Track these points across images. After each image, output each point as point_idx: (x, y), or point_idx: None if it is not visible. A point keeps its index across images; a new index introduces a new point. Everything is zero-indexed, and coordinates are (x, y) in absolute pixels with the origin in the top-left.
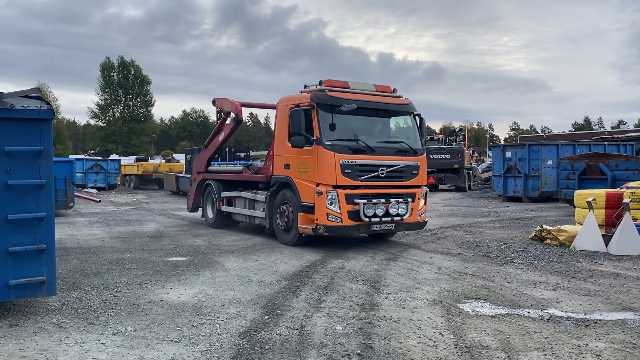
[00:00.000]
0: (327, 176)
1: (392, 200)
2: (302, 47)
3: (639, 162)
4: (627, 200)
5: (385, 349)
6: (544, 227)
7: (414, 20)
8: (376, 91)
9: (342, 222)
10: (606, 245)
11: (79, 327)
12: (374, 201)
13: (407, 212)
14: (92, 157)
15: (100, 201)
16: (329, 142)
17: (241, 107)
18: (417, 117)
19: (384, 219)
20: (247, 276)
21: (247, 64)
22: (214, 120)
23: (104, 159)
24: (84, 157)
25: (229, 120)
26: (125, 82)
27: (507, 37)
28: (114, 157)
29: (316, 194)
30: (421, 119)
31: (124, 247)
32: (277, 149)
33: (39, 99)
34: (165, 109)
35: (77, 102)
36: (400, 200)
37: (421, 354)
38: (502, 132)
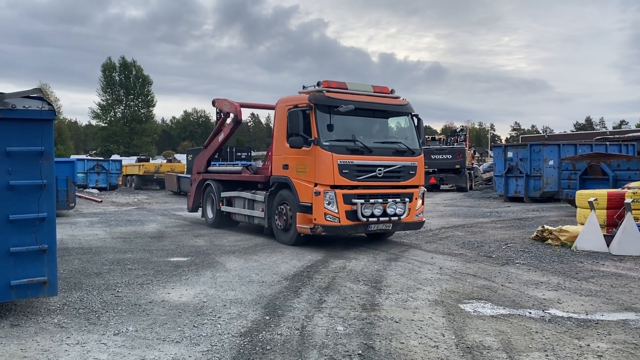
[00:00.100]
0: (325, 176)
1: (389, 200)
2: (304, 48)
3: None
4: (629, 200)
5: (386, 349)
6: (546, 227)
7: (416, 20)
8: (374, 92)
9: (339, 222)
10: (608, 245)
11: (80, 327)
12: (372, 201)
13: (404, 212)
14: (93, 158)
15: (101, 201)
16: (327, 143)
17: (240, 108)
18: (414, 117)
19: (381, 219)
20: (249, 276)
21: (249, 65)
22: (215, 120)
23: (106, 159)
24: (85, 157)
25: (229, 120)
26: (126, 83)
27: (508, 37)
28: (115, 157)
29: (314, 194)
30: (419, 120)
31: (126, 248)
32: (275, 150)
33: (41, 99)
34: (166, 109)
35: (78, 103)
36: (397, 200)
37: (422, 355)
38: (504, 132)
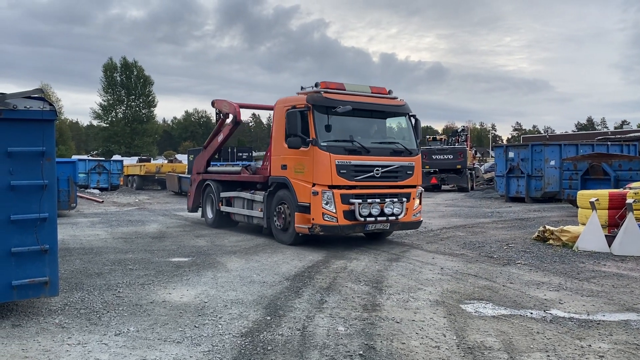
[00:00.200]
0: (323, 176)
1: (387, 200)
2: (304, 48)
3: None
4: (630, 200)
5: (387, 349)
6: (547, 227)
7: (416, 20)
8: (372, 92)
9: (337, 222)
10: (609, 245)
11: (81, 327)
12: (369, 201)
13: (402, 212)
14: (94, 158)
15: (102, 202)
16: (325, 143)
17: (239, 109)
18: (412, 118)
19: (379, 219)
20: (250, 277)
21: (250, 65)
22: (215, 121)
23: (107, 159)
24: (86, 157)
25: (228, 121)
26: (127, 83)
27: (509, 37)
28: (116, 157)
29: (312, 194)
30: (416, 120)
31: (127, 248)
32: (274, 150)
33: (42, 99)
34: (167, 109)
35: (79, 103)
36: (395, 200)
37: (423, 355)
38: (505, 133)
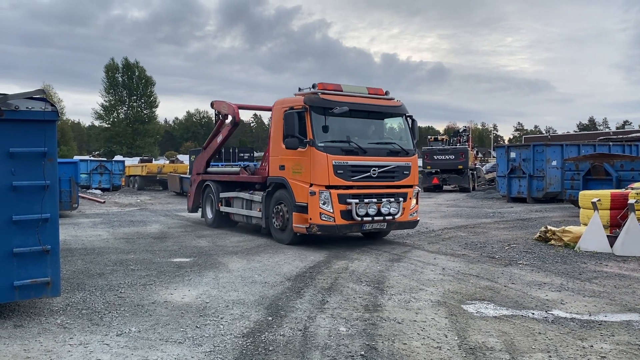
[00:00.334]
0: (320, 177)
1: (384, 199)
2: (306, 48)
3: None
4: (632, 201)
5: (389, 350)
6: (549, 228)
7: (418, 20)
8: (369, 94)
9: (334, 222)
10: (611, 246)
11: (83, 328)
12: (366, 201)
13: (399, 212)
14: (96, 158)
15: (104, 202)
16: (322, 144)
17: (238, 110)
18: (408, 118)
19: (376, 218)
20: (251, 277)
21: (251, 65)
22: (214, 122)
23: (108, 160)
24: (88, 158)
25: (227, 122)
26: (129, 84)
27: (511, 37)
28: (118, 158)
29: (309, 194)
30: (413, 121)
31: (128, 248)
32: (272, 151)
33: (44, 100)
34: (169, 110)
35: (81, 103)
36: (392, 199)
37: (425, 355)
38: (507, 133)
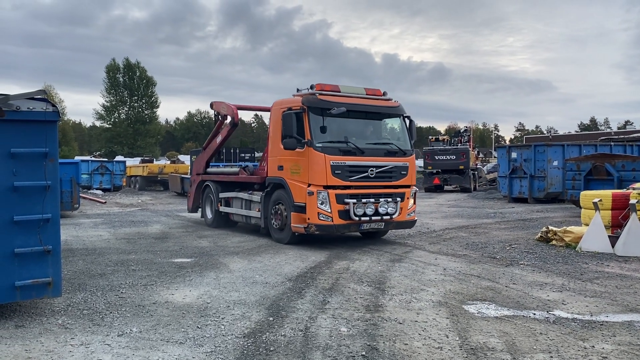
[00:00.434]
0: (318, 177)
1: (381, 199)
2: (307, 49)
3: None
4: (634, 201)
5: (390, 350)
6: (550, 228)
7: (419, 21)
8: (366, 94)
9: (332, 221)
10: (612, 246)
11: (84, 328)
12: (364, 201)
13: (396, 211)
14: (97, 159)
15: (105, 202)
16: (320, 144)
17: (237, 110)
18: (406, 119)
19: (373, 218)
20: (252, 277)
21: (252, 66)
22: (213, 122)
23: (110, 160)
24: (89, 158)
25: (226, 123)
26: (130, 84)
27: (512, 37)
28: (119, 158)
29: (308, 194)
30: (410, 121)
31: (129, 249)
32: (271, 151)
33: (45, 101)
34: (170, 110)
35: (82, 104)
36: (389, 199)
37: (426, 356)
38: (508, 133)
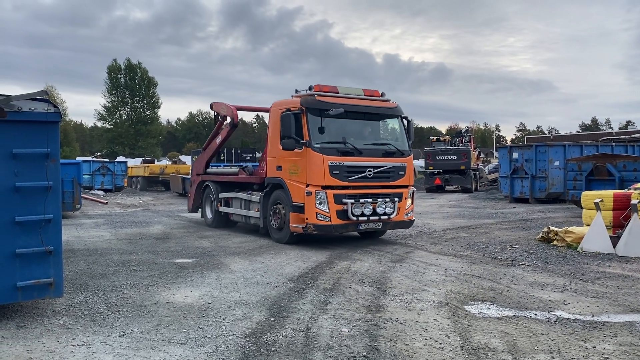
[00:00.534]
0: (316, 177)
1: (379, 199)
2: (308, 49)
3: None
4: (635, 201)
5: (391, 351)
6: (551, 228)
7: (420, 21)
8: (364, 95)
9: (330, 221)
10: (614, 246)
11: (85, 328)
12: (362, 201)
13: (394, 211)
14: (99, 159)
15: (107, 203)
16: (318, 145)
17: (236, 111)
18: (404, 119)
19: (371, 218)
20: (253, 278)
21: (253, 66)
22: (213, 123)
23: (111, 160)
24: (90, 159)
25: (226, 123)
26: (131, 84)
27: (513, 37)
28: (120, 159)
29: (306, 194)
30: (408, 122)
31: (131, 249)
32: (270, 152)
33: (46, 101)
34: (171, 110)
35: (84, 104)
36: (387, 199)
37: (427, 356)
38: (509, 133)
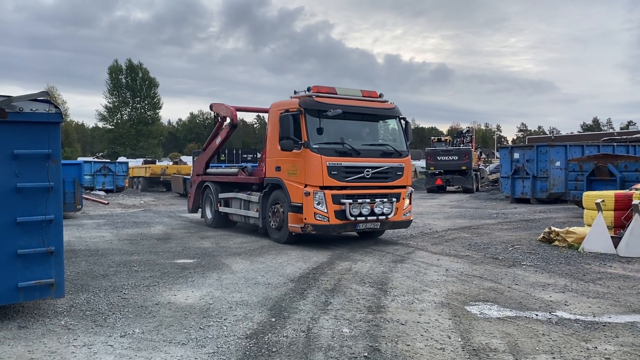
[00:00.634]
0: (315, 178)
1: (377, 200)
2: (309, 49)
3: None
4: (637, 201)
5: (392, 351)
6: (553, 228)
7: (421, 21)
8: (362, 96)
9: (329, 221)
10: (615, 247)
11: (87, 329)
12: (360, 201)
13: (392, 211)
14: (100, 160)
15: (108, 203)
16: (316, 146)
17: (236, 112)
18: (402, 120)
19: (369, 218)
20: (254, 278)
21: (254, 67)
22: (213, 124)
23: (112, 161)
24: (92, 159)
25: (225, 124)
26: (133, 85)
27: (514, 38)
28: (122, 159)
29: (304, 194)
30: (406, 123)
31: (132, 250)
32: (269, 152)
33: (48, 102)
34: (172, 111)
35: (85, 105)
36: (385, 200)
37: (428, 357)
38: (510, 134)
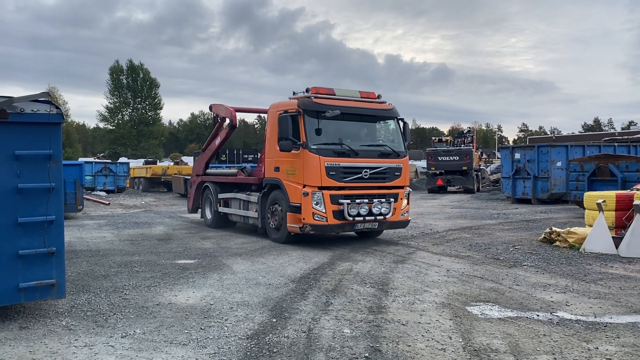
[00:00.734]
0: (313, 178)
1: (375, 200)
2: (309, 50)
3: None
4: (638, 202)
5: (393, 352)
6: (554, 229)
7: (422, 21)
8: (361, 97)
9: (327, 221)
10: (616, 247)
11: (88, 329)
12: (358, 201)
13: (390, 212)
14: (101, 160)
15: (109, 204)
16: (315, 146)
17: (235, 113)
18: (400, 121)
19: (367, 218)
20: (255, 279)
21: (255, 67)
22: (212, 124)
23: (113, 161)
24: (93, 160)
25: (225, 125)
26: (134, 85)
27: (515, 38)
28: (122, 160)
29: (303, 194)
30: (404, 124)
31: (133, 250)
32: (268, 153)
33: (49, 103)
34: (173, 111)
35: (86, 106)
36: (383, 200)
37: (429, 358)
38: (511, 134)
